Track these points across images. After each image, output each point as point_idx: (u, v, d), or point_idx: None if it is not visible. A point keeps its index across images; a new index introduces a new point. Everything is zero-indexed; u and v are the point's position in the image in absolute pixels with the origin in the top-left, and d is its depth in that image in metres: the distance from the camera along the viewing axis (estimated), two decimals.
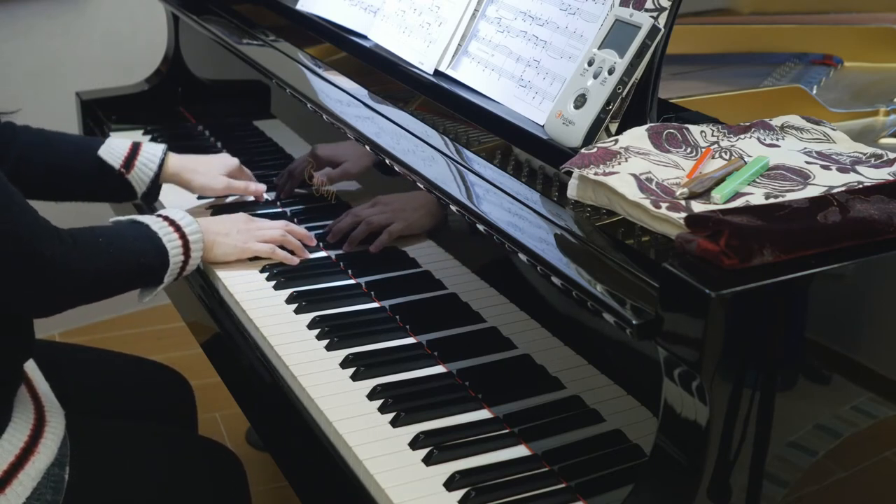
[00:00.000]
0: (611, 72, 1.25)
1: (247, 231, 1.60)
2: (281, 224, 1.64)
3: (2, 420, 1.35)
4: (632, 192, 1.09)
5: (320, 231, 1.71)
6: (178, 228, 1.48)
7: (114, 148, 1.70)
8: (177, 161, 1.74)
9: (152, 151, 1.72)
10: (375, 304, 1.52)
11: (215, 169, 1.76)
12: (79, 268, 1.36)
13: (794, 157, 1.18)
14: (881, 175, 1.12)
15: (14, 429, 1.35)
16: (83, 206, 1.81)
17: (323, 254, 1.67)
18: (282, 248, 1.62)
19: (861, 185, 1.08)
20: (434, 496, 1.15)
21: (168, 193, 1.80)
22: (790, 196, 1.07)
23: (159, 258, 1.45)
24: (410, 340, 1.44)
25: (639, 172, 1.12)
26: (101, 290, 1.42)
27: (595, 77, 1.26)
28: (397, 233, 1.49)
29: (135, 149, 1.71)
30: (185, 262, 1.49)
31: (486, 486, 1.15)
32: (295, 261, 1.61)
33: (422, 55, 1.57)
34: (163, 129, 2.21)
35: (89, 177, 1.69)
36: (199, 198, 1.83)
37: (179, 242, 1.47)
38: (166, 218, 1.49)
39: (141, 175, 1.71)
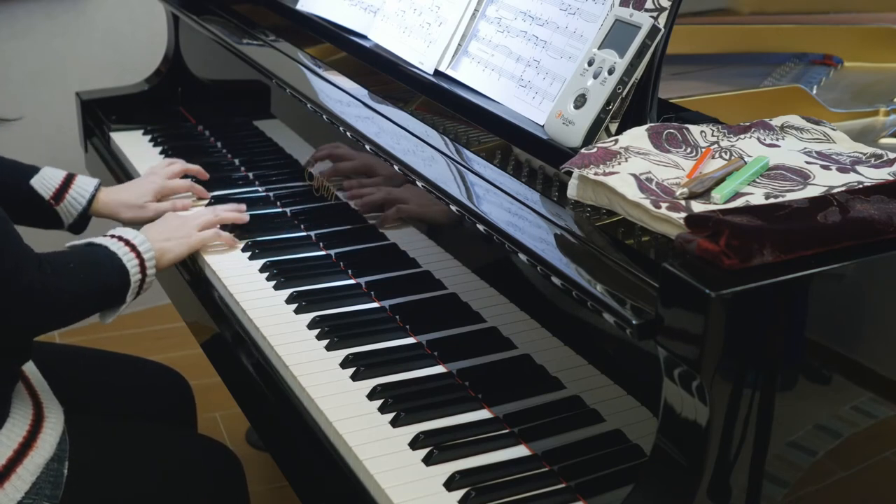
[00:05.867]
0: (611, 72, 1.25)
1: (184, 226, 1.64)
2: (209, 208, 1.73)
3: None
4: (632, 192, 1.09)
5: (320, 231, 1.71)
6: (133, 248, 1.50)
7: (47, 178, 1.72)
8: (106, 197, 1.77)
9: (84, 186, 1.74)
10: (375, 304, 1.52)
11: (142, 198, 1.79)
12: (56, 295, 1.37)
13: (794, 157, 1.18)
14: (881, 175, 1.12)
15: (12, 424, 1.36)
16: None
17: (323, 253, 1.67)
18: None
19: (861, 185, 1.08)
20: (434, 496, 1.15)
21: None
22: (790, 196, 1.07)
23: (122, 279, 1.47)
24: (410, 340, 1.44)
25: (639, 172, 1.12)
26: (72, 315, 1.43)
27: (595, 77, 1.26)
28: (405, 213, 1.48)
29: (67, 181, 1.73)
30: (143, 280, 1.51)
31: (486, 486, 1.15)
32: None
33: (422, 55, 1.57)
34: (163, 130, 2.21)
35: (17, 201, 1.70)
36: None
37: (137, 262, 1.49)
38: (121, 238, 1.50)
39: (69, 208, 1.74)
